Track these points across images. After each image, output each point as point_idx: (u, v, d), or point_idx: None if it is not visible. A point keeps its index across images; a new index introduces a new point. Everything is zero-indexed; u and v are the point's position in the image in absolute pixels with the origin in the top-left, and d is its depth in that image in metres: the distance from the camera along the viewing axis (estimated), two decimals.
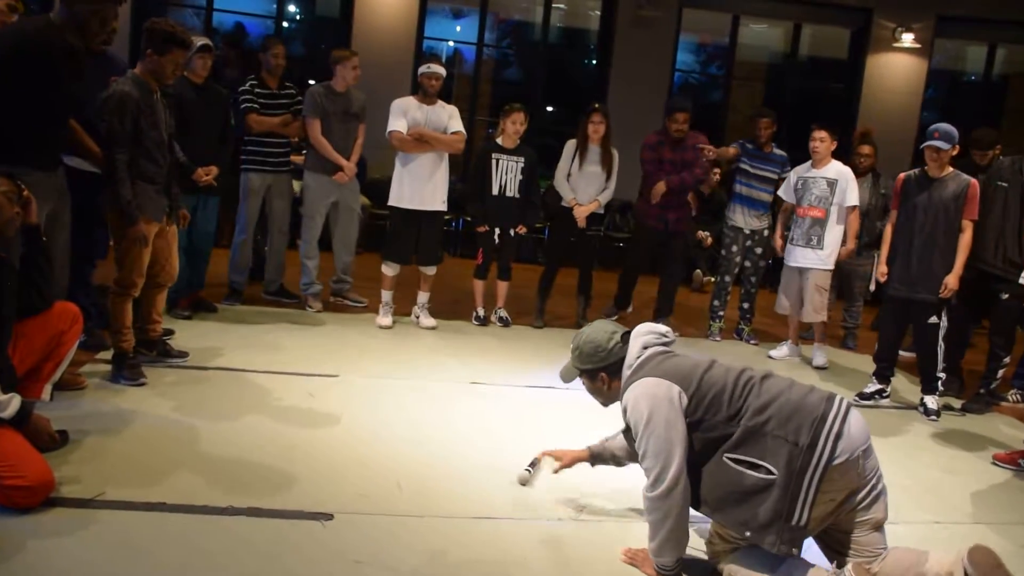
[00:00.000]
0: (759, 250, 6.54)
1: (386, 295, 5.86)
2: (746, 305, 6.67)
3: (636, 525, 3.24)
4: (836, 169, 5.94)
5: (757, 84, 12.85)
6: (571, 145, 6.21)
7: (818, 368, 5.94)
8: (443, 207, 5.85)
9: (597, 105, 6.28)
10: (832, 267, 5.96)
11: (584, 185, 6.15)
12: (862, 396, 5.32)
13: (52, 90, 3.61)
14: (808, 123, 6.21)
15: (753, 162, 6.49)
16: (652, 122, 9.24)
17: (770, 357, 6.14)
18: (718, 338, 6.58)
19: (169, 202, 4.32)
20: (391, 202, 5.80)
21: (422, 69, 5.74)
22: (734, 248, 6.54)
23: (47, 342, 3.33)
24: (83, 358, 4.23)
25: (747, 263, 6.59)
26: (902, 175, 5.30)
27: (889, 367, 5.37)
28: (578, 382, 3.13)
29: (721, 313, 6.67)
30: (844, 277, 6.56)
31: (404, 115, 5.65)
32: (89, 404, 3.87)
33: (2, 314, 3.03)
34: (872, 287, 6.19)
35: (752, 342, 6.57)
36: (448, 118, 5.76)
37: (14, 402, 2.97)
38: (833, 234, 5.89)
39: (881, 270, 5.30)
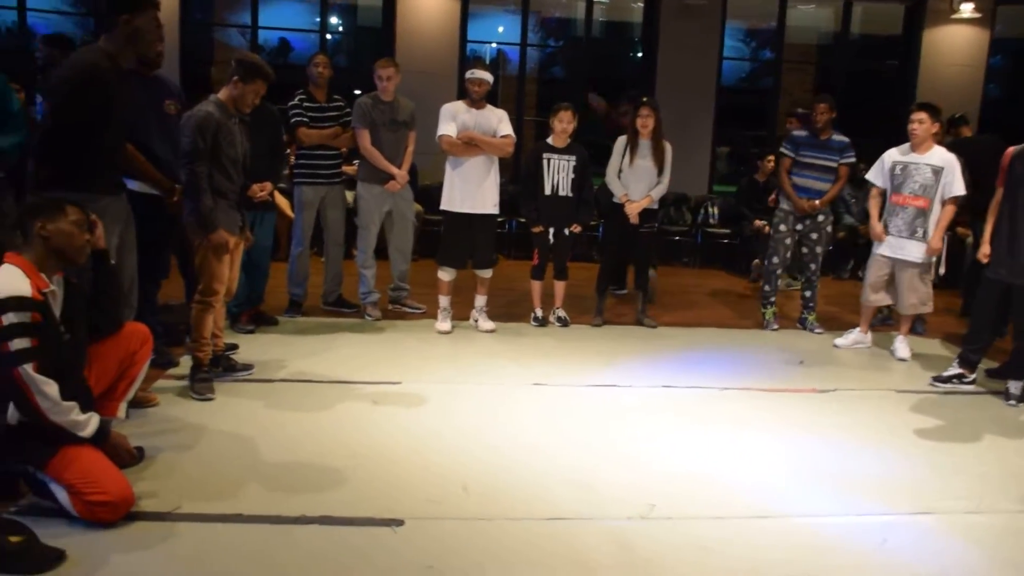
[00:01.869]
0: (814, 235, 6.29)
1: (443, 300, 5.88)
2: (808, 294, 6.46)
3: (705, 523, 3.20)
4: (941, 156, 5.53)
5: (808, 67, 12.64)
6: (622, 141, 6.15)
7: (900, 360, 5.70)
8: (495, 210, 5.85)
9: (645, 99, 6.21)
10: (935, 259, 5.63)
11: (636, 180, 6.08)
12: (939, 379, 5.17)
13: (111, 115, 3.71)
14: (862, 104, 5.98)
15: (809, 152, 6.23)
16: (702, 112, 9.17)
17: (835, 346, 5.97)
18: (775, 326, 6.41)
19: (241, 218, 4.45)
20: (443, 206, 5.82)
21: (467, 75, 5.76)
22: (783, 228, 6.30)
23: (120, 362, 3.42)
24: (153, 375, 4.32)
25: (803, 249, 6.37)
26: (1011, 149, 4.97)
27: (978, 352, 5.12)
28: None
29: (773, 299, 6.48)
30: None
31: (453, 119, 5.67)
32: (162, 420, 3.95)
33: (77, 338, 3.12)
34: (942, 270, 6.00)
35: (817, 331, 6.38)
36: (498, 122, 5.76)
37: (93, 421, 3.05)
38: (934, 224, 5.53)
39: (983, 251, 5.03)
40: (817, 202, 6.18)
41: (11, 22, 9.53)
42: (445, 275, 5.83)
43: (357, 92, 6.85)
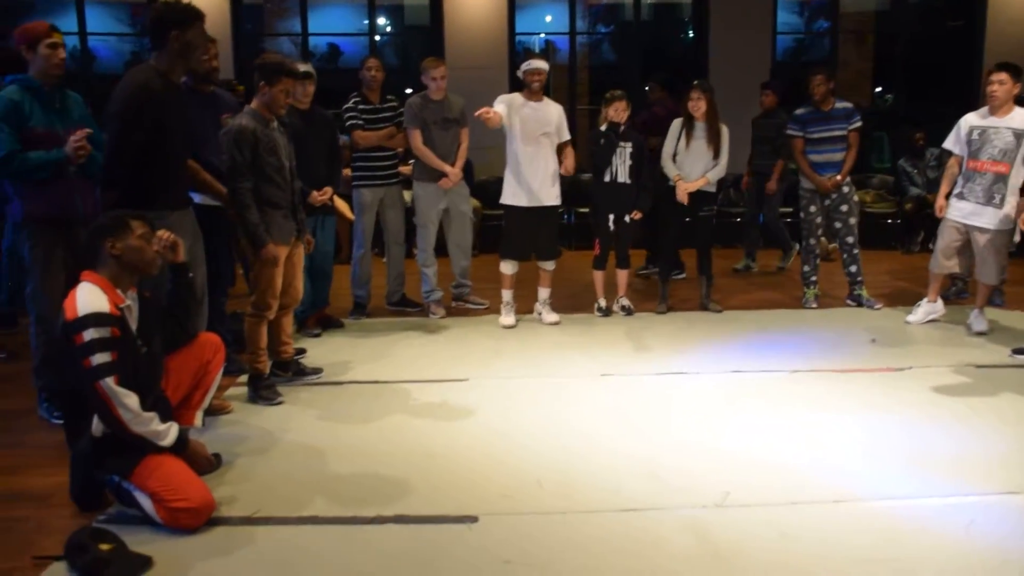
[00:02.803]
0: (844, 208, 6.19)
1: (507, 295, 5.88)
2: (853, 268, 6.30)
3: (782, 509, 3.15)
4: (1023, 118, 5.34)
5: (866, 35, 12.29)
6: (677, 123, 6.07)
7: (978, 333, 5.50)
8: (557, 201, 5.83)
9: (696, 82, 6.12)
10: (1013, 226, 5.39)
11: (691, 163, 6.00)
12: (1019, 351, 4.99)
13: (170, 131, 3.77)
14: (926, 70, 5.81)
15: (816, 127, 6.19)
16: (757, 90, 8.99)
17: (907, 323, 5.79)
18: (814, 305, 6.31)
19: (296, 225, 4.47)
20: (504, 200, 5.81)
21: (523, 67, 5.71)
22: (812, 208, 6.25)
23: (195, 372, 3.50)
24: (225, 383, 4.41)
25: (837, 224, 6.26)
26: None
27: None
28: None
29: (814, 279, 6.37)
30: None
31: (506, 104, 5.61)
32: (236, 426, 4.04)
33: (153, 350, 3.20)
34: (1017, 239, 5.78)
35: (877, 307, 6.23)
36: (558, 117, 5.75)
37: (173, 430, 3.14)
38: (1013, 190, 5.33)
39: None
40: (838, 177, 6.12)
41: (71, 47, 9.81)
42: (508, 268, 5.84)
43: (408, 91, 6.89)
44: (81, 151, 3.82)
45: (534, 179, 5.69)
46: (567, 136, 5.81)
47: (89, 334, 2.93)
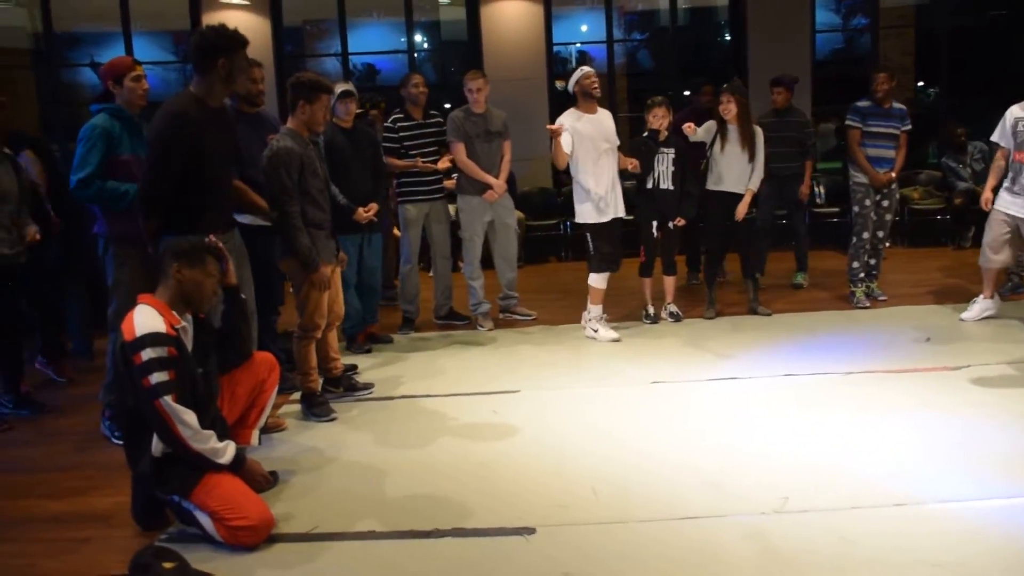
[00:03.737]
0: (886, 203, 6.28)
1: (597, 310, 5.78)
2: (873, 261, 6.40)
3: (842, 514, 3.10)
4: None
5: (907, 30, 12.11)
6: (709, 125, 6.02)
7: None
8: (624, 212, 5.79)
9: (725, 85, 6.09)
10: None
11: (727, 166, 5.95)
12: None
13: (209, 156, 3.77)
14: (969, 64, 5.73)
15: (875, 121, 6.23)
16: (799, 89, 8.90)
17: (962, 320, 5.68)
18: (867, 304, 6.25)
19: (336, 244, 4.52)
20: (581, 219, 5.74)
21: (579, 76, 5.66)
22: (867, 203, 6.24)
23: (250, 391, 3.56)
24: (279, 401, 4.46)
25: (873, 216, 6.29)
26: None
27: None
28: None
29: (862, 275, 6.34)
30: None
31: (569, 129, 5.56)
32: (291, 444, 4.09)
33: (208, 370, 3.26)
34: None
35: (882, 299, 6.31)
36: (613, 125, 5.76)
37: (230, 449, 3.19)
38: None
39: None
40: (892, 173, 6.19)
41: None
42: (600, 282, 5.74)
43: (447, 107, 6.94)
44: None
45: (607, 192, 5.65)
46: (617, 142, 5.79)
47: (147, 354, 2.99)
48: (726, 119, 5.93)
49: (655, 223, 5.93)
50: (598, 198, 5.62)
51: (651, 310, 6.07)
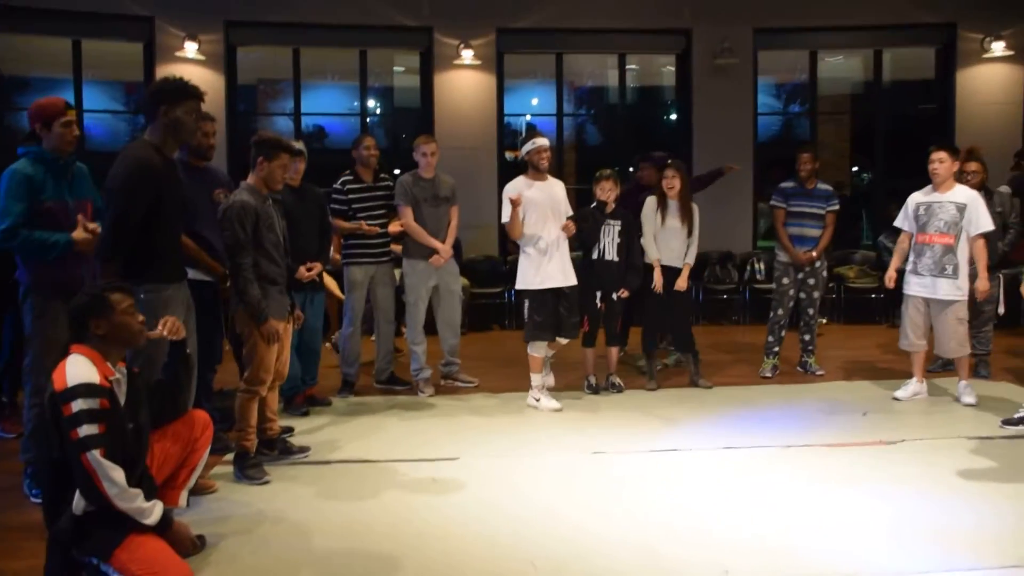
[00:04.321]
0: (812, 281, 6.49)
1: (537, 379, 5.73)
2: (807, 337, 6.62)
3: None
4: (964, 193, 5.59)
5: (843, 116, 12.61)
6: (652, 202, 6.15)
7: (967, 405, 5.54)
8: (574, 281, 5.75)
9: (669, 161, 6.25)
10: (967, 297, 5.59)
11: (667, 241, 6.08)
12: (1008, 422, 5.00)
13: (166, 205, 3.81)
14: (902, 150, 6.01)
15: (798, 201, 6.47)
16: (742, 169, 9.19)
17: (895, 398, 5.78)
18: (768, 374, 6.51)
19: (290, 301, 4.47)
20: (522, 285, 5.71)
21: (528, 147, 5.68)
22: (785, 280, 6.53)
23: (182, 449, 3.44)
24: (211, 461, 4.31)
25: (801, 295, 6.53)
26: None
27: None
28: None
29: (776, 349, 6.57)
30: (969, 302, 6.21)
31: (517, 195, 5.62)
32: (221, 506, 3.95)
33: (139, 426, 3.15)
34: (1001, 310, 5.86)
35: (819, 373, 6.49)
36: (563, 194, 5.77)
37: (157, 509, 3.06)
38: (963, 261, 5.54)
39: None
40: (813, 253, 6.41)
41: None
42: (538, 351, 5.71)
43: (397, 172, 6.98)
44: (91, 246, 3.85)
45: (552, 260, 5.64)
46: (570, 211, 5.82)
47: (77, 404, 2.89)
48: (668, 195, 6.06)
49: (599, 294, 5.98)
50: (543, 265, 5.64)
51: (593, 380, 6.08)
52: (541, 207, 5.65)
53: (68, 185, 4.02)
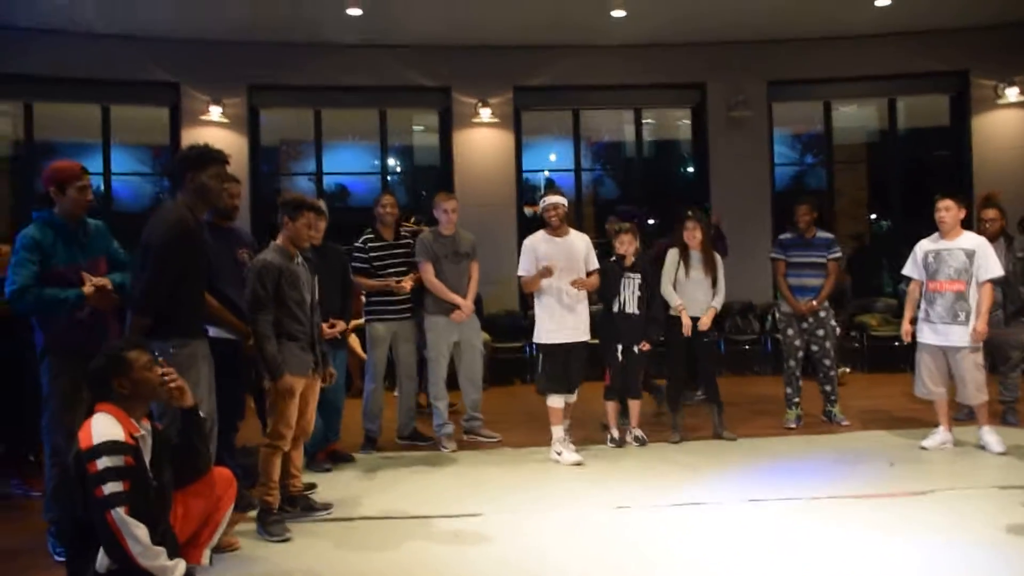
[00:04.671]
0: (820, 332, 6.47)
1: (558, 431, 5.71)
2: (827, 388, 6.58)
3: None
4: (972, 239, 5.63)
5: (859, 165, 12.65)
6: (674, 253, 6.19)
7: (998, 454, 5.45)
8: (587, 337, 5.80)
9: (690, 212, 6.31)
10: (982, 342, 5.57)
11: (691, 292, 6.10)
12: None
13: (196, 264, 3.98)
14: (919, 197, 6.04)
15: (797, 251, 6.51)
16: (760, 220, 9.23)
17: (923, 448, 5.69)
18: (793, 425, 6.48)
19: (315, 358, 4.50)
20: (539, 339, 5.76)
21: (543, 204, 5.80)
22: (790, 332, 6.56)
23: (205, 508, 3.45)
24: (234, 519, 4.30)
25: (813, 347, 6.52)
26: None
27: None
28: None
29: (796, 400, 6.56)
30: (995, 348, 6.17)
31: (533, 253, 5.71)
32: (243, 564, 3.93)
33: (163, 483, 3.17)
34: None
35: (844, 423, 6.43)
36: (586, 249, 5.78)
37: (180, 567, 3.07)
38: (975, 306, 5.53)
39: None
40: (814, 302, 6.41)
41: (96, 187, 10.16)
42: (556, 402, 5.71)
43: (411, 220, 7.06)
44: (103, 301, 3.94)
45: (566, 315, 5.68)
46: (595, 265, 5.83)
47: (103, 462, 2.92)
48: (690, 246, 6.10)
49: (620, 347, 5.98)
50: (557, 319, 5.67)
51: (615, 434, 6.04)
52: (556, 262, 5.68)
53: (80, 247, 4.08)
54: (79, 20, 8.83)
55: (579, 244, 5.81)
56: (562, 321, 5.68)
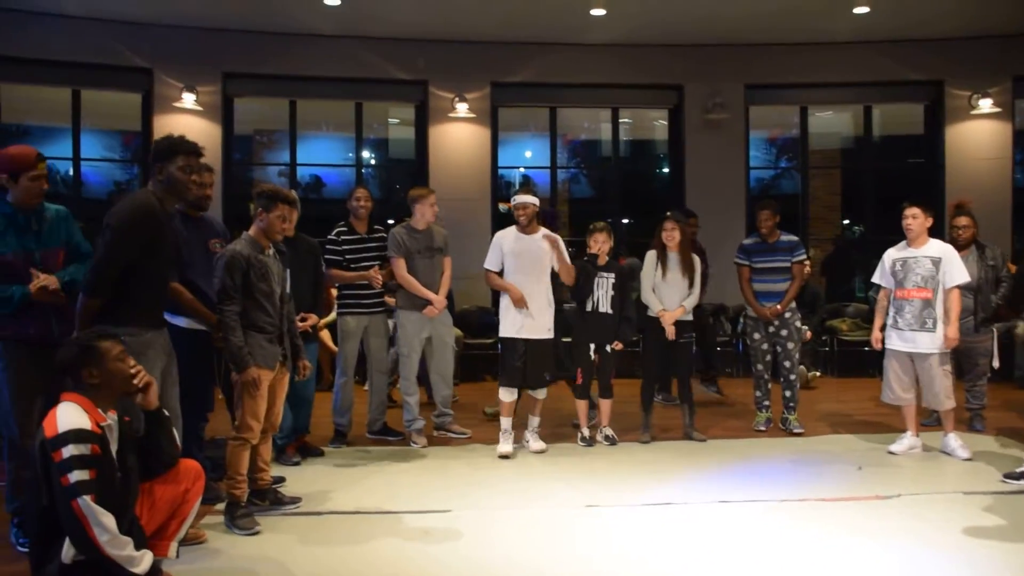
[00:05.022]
0: (784, 333, 6.44)
1: (506, 422, 5.80)
2: (788, 393, 6.51)
3: None
4: (939, 247, 5.70)
5: (833, 171, 12.77)
6: (652, 255, 6.20)
7: (964, 460, 5.50)
8: (550, 335, 5.85)
9: (668, 213, 6.32)
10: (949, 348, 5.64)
11: (669, 294, 6.11)
12: (1010, 476, 4.97)
13: (158, 254, 3.88)
14: (892, 203, 6.08)
15: (761, 257, 6.49)
16: (734, 222, 9.28)
17: (891, 452, 5.75)
18: (762, 428, 6.50)
19: (283, 351, 4.45)
20: (503, 333, 5.86)
21: (511, 201, 5.86)
22: (756, 336, 6.55)
23: (172, 500, 3.40)
24: (202, 511, 4.25)
25: (777, 348, 6.51)
26: None
27: None
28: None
29: (766, 403, 6.58)
30: (964, 355, 6.24)
31: (500, 249, 5.77)
32: (210, 557, 3.88)
33: (129, 474, 3.12)
34: (996, 364, 5.87)
35: (797, 431, 6.36)
36: (551, 248, 5.80)
37: (147, 558, 3.03)
38: (942, 313, 5.61)
39: None
40: (778, 307, 6.40)
41: (64, 172, 10.01)
42: (507, 396, 5.79)
43: (390, 222, 7.02)
44: (48, 299, 3.84)
45: (529, 311, 5.73)
46: (565, 260, 5.86)
47: (68, 450, 2.87)
48: (668, 246, 6.10)
49: (593, 346, 5.98)
50: (520, 315, 5.72)
51: (586, 432, 6.05)
52: (524, 259, 5.73)
53: (35, 235, 3.96)
54: (52, 1, 8.67)
55: (542, 243, 5.81)
56: (524, 317, 5.72)
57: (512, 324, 5.78)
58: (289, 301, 4.55)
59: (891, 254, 5.84)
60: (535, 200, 5.83)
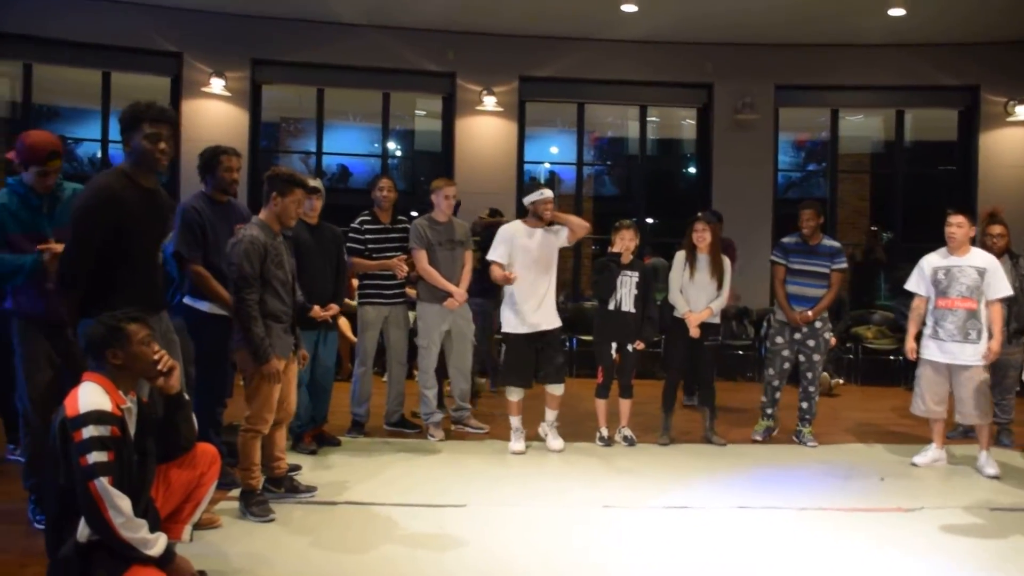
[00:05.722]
0: (811, 343, 6.12)
1: (515, 421, 5.75)
2: (805, 405, 6.19)
3: None
4: (983, 257, 5.48)
5: (863, 175, 12.63)
6: (681, 256, 6.11)
7: (990, 477, 5.34)
8: (558, 324, 5.81)
9: (700, 214, 6.23)
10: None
11: (696, 295, 6.02)
12: None
13: (133, 234, 3.64)
14: (922, 210, 5.93)
15: (799, 258, 6.15)
16: (760, 225, 9.18)
17: (914, 464, 5.63)
18: (759, 438, 6.25)
19: (295, 340, 4.42)
20: (504, 329, 5.79)
21: (534, 197, 5.70)
22: (779, 340, 6.20)
23: (187, 483, 3.38)
24: (216, 496, 4.24)
25: (800, 357, 6.18)
26: None
27: None
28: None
29: (770, 411, 6.30)
30: (994, 367, 6.06)
31: (507, 243, 5.69)
32: (224, 542, 3.88)
33: (147, 457, 3.11)
34: None
35: (811, 444, 6.09)
36: (556, 238, 5.76)
37: (161, 541, 3.01)
38: (986, 325, 5.41)
39: None
40: (810, 313, 6.06)
41: (93, 154, 10.07)
42: (513, 396, 5.73)
43: (414, 214, 6.99)
44: (54, 263, 3.80)
45: (534, 306, 5.67)
46: (572, 219, 5.80)
47: (88, 431, 2.86)
48: (698, 247, 6.01)
49: (614, 345, 5.92)
50: (524, 311, 5.66)
51: (605, 432, 5.99)
52: (531, 255, 5.67)
53: (48, 217, 3.97)
54: None
55: (553, 239, 5.76)
56: (526, 313, 5.66)
57: (515, 319, 5.70)
58: (296, 288, 4.50)
59: (932, 261, 5.59)
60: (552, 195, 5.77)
